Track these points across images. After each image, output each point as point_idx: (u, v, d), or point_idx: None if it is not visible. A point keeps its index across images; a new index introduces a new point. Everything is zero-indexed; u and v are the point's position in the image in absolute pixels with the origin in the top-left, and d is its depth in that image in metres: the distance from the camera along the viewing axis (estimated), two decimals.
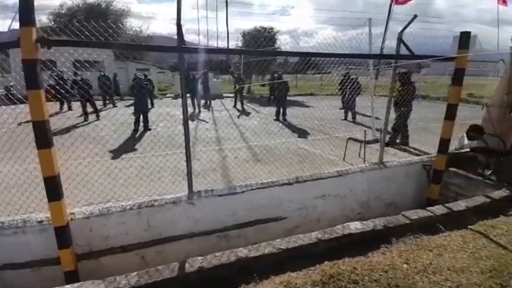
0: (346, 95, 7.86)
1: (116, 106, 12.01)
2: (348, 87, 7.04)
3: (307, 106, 12.35)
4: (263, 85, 20.67)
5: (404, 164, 4.20)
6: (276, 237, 2.56)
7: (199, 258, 2.22)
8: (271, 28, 18.32)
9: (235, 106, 12.30)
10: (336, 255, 2.40)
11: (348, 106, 8.97)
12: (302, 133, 7.40)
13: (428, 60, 3.97)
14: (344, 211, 4.03)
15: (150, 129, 7.85)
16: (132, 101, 8.97)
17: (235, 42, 19.01)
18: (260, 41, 13.03)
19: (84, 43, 2.45)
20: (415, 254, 2.38)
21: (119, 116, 7.98)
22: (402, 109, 5.61)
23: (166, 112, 10.33)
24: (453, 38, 5.00)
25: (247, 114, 10.76)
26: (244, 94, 16.98)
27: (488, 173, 4.02)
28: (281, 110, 9.33)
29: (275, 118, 9.31)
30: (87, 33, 2.63)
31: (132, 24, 25.65)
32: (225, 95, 16.46)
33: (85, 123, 8.67)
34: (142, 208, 2.94)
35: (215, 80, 18.59)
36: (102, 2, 23.79)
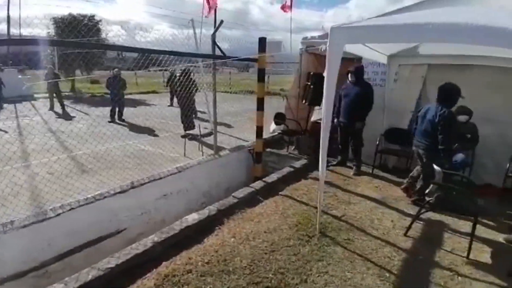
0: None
1: None
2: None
3: (149, 105, 11.71)
4: (94, 82, 17.67)
5: (234, 151, 4.80)
6: None
7: None
8: (93, 16, 15.47)
9: (51, 108, 9.84)
10: (174, 252, 2.42)
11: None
12: (142, 133, 6.96)
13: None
14: (189, 205, 4.13)
15: None
16: None
17: (46, 31, 14.87)
18: (79, 30, 10.80)
19: None
20: (240, 227, 2.78)
21: None
22: (183, 101, 6.28)
23: None
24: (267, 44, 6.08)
25: (70, 117, 8.89)
26: (67, 93, 13.87)
27: (292, 148, 5.28)
28: (117, 109, 8.36)
29: (109, 120, 8.22)
30: None
31: None
32: (38, 96, 12.80)
33: None
34: None
35: (20, 77, 14.02)
36: None
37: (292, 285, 2.07)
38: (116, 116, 8.48)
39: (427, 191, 2.90)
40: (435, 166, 2.66)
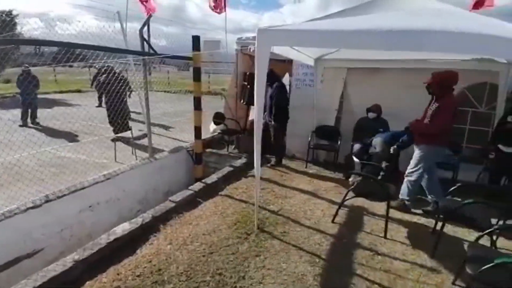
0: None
1: None
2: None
3: (71, 105, 10.37)
4: (7, 82, 14.92)
5: (172, 153, 4.59)
6: None
7: None
8: (10, 11, 13.49)
9: None
10: (100, 269, 2.20)
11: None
12: (64, 138, 6.13)
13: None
14: (121, 214, 3.80)
15: None
16: None
17: None
18: None
19: None
20: (178, 232, 2.68)
21: None
22: (111, 101, 5.76)
23: None
24: (204, 42, 5.91)
25: None
26: None
27: (232, 148, 5.31)
28: (30, 112, 7.20)
29: (21, 123, 7.04)
30: None
31: None
32: None
33: None
34: None
35: None
36: None
37: (230, 284, 2.08)
38: (28, 119, 7.30)
39: (350, 180, 3.23)
40: (354, 158, 2.98)
